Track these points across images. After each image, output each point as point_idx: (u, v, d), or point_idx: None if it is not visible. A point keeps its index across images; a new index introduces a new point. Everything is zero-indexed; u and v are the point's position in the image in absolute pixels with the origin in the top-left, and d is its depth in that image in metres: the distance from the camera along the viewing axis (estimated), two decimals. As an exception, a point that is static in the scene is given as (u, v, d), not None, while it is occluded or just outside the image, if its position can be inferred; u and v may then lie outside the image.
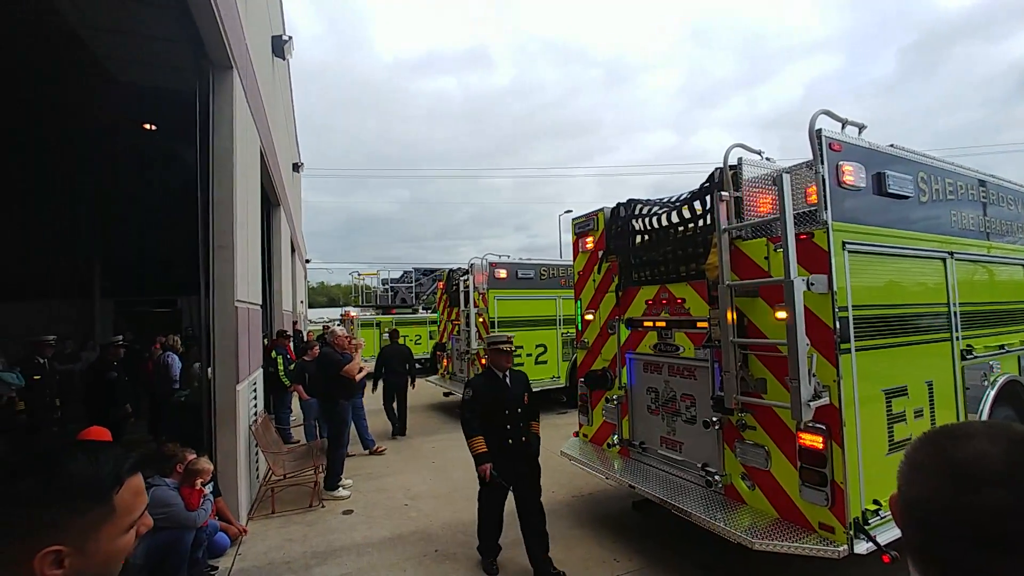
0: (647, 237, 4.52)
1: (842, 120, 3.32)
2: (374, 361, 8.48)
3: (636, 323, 4.59)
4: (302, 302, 20.76)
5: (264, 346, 7.60)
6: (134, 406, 7.30)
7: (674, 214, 4.22)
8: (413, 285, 18.43)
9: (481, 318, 9.34)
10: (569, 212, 27.43)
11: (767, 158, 3.80)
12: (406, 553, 4.29)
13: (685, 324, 4.12)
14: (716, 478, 3.74)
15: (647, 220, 4.49)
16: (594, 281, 5.12)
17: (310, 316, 27.97)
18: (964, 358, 3.83)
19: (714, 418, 3.74)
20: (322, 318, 29.58)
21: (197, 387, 5.82)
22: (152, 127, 8.93)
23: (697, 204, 3.96)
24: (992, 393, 3.95)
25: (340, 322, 16.58)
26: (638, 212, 4.60)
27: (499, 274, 9.30)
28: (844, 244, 3.14)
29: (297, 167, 15.84)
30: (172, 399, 7.48)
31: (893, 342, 3.40)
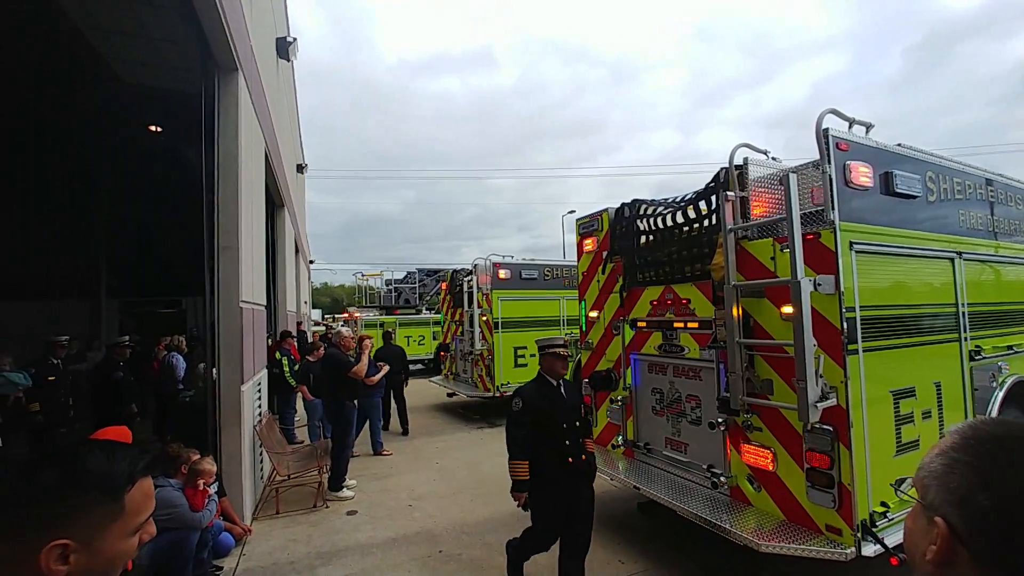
0: (652, 237, 4.50)
1: (849, 119, 3.29)
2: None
3: (641, 324, 4.56)
4: (306, 303, 20.81)
5: (268, 347, 7.62)
6: (139, 406, 7.34)
7: (679, 214, 4.20)
8: (417, 286, 18.47)
9: (485, 318, 9.34)
10: (573, 212, 27.40)
11: (773, 158, 3.77)
12: (410, 554, 4.29)
13: (690, 325, 4.10)
14: (722, 479, 3.72)
15: (652, 220, 4.47)
16: (598, 282, 5.10)
17: (313, 316, 28.00)
18: (972, 359, 3.80)
19: (720, 419, 3.72)
20: (310, 319, 29.41)
21: (202, 387, 5.83)
22: (157, 128, 8.99)
23: (702, 204, 3.94)
24: (1000, 394, 3.90)
25: (345, 323, 16.61)
26: (643, 212, 4.58)
27: (502, 275, 9.29)
28: (851, 244, 3.11)
29: (301, 168, 15.89)
30: (177, 399, 7.51)
31: (901, 343, 3.37)
